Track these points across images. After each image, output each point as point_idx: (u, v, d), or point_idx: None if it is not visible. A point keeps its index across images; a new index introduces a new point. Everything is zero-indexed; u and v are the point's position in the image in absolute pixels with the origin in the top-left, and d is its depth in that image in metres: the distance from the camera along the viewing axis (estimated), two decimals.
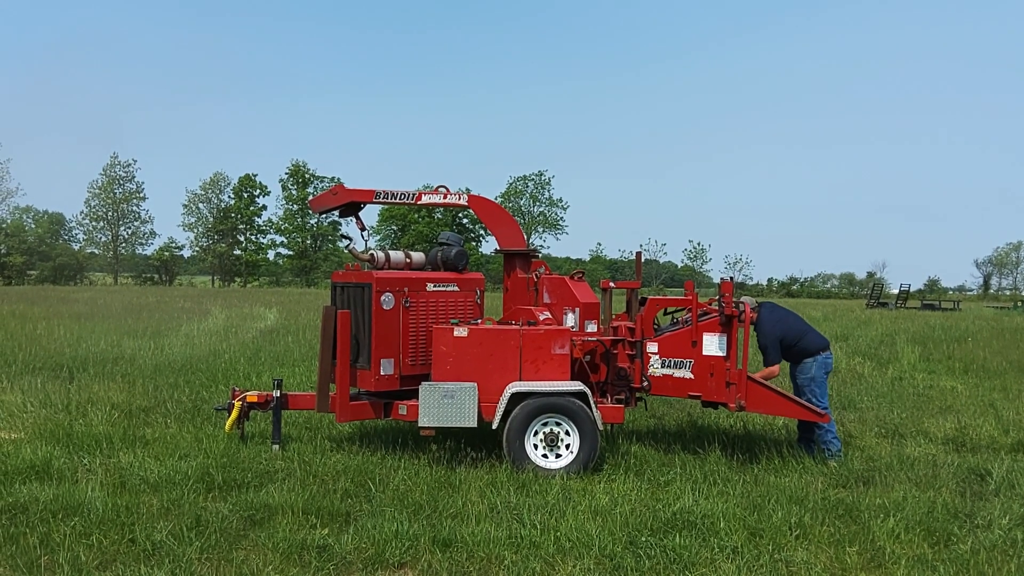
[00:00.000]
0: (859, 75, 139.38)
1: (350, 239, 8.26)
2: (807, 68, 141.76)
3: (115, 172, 76.14)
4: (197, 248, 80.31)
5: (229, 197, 79.89)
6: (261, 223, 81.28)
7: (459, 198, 8.47)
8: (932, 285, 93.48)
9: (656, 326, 8.06)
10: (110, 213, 76.30)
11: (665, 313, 8.34)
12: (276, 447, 7.69)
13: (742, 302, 7.92)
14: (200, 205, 79.44)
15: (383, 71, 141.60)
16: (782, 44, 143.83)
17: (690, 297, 7.80)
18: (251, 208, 79.96)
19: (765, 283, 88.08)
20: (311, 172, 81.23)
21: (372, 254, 8.03)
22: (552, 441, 7.16)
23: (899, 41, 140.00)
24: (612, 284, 8.52)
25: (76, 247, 75.87)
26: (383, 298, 7.53)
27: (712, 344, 7.59)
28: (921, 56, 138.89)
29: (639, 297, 8.21)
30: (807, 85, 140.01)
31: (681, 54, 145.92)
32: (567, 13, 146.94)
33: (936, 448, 8.49)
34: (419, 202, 8.43)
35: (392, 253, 8.10)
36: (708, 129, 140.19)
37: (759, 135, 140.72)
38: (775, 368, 8.03)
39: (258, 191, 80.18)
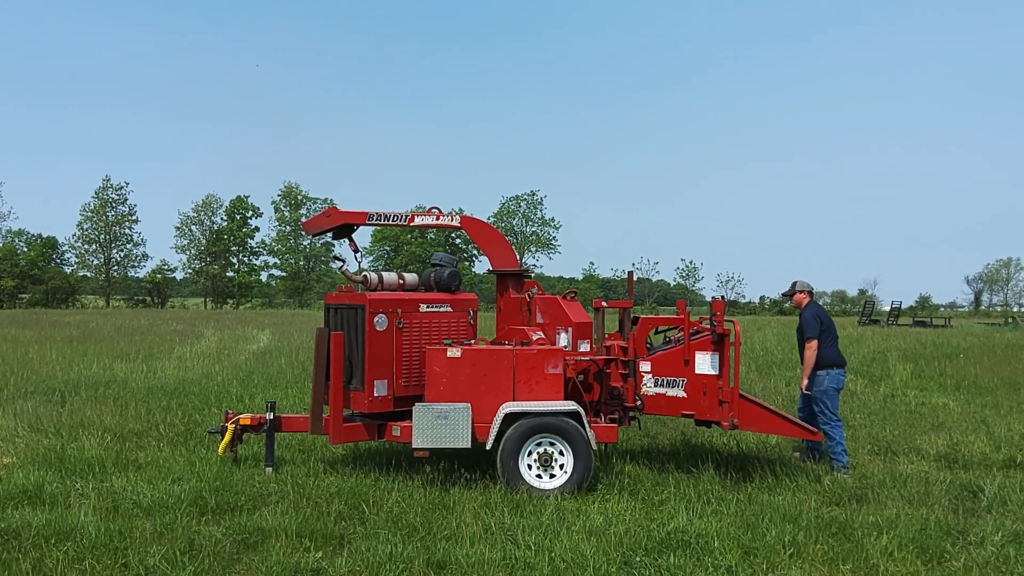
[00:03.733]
0: (850, 94, 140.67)
1: (343, 261, 8.29)
2: (798, 88, 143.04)
3: (107, 195, 76.01)
4: (190, 270, 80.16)
5: (222, 219, 79.88)
6: (254, 245, 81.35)
7: (452, 219, 8.52)
8: (923, 302, 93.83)
9: (649, 345, 8.10)
10: (102, 236, 76.10)
11: (657, 332, 8.38)
12: (269, 470, 7.68)
13: (797, 289, 8.49)
14: (192, 227, 79.38)
15: (375, 93, 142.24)
16: (773, 65, 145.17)
17: (682, 316, 7.84)
18: (244, 230, 79.94)
19: (757, 301, 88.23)
20: (303, 194, 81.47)
21: (365, 276, 8.05)
22: (546, 461, 7.17)
23: (889, 60, 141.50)
24: (604, 304, 8.56)
25: (68, 270, 75.61)
26: (376, 319, 7.55)
27: (704, 363, 7.62)
28: (911, 73, 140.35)
29: (631, 316, 8.25)
30: (799, 104, 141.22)
31: (673, 75, 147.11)
32: (559, 34, 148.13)
33: (928, 465, 8.52)
34: (412, 223, 8.48)
35: (385, 274, 8.13)
36: (700, 148, 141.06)
37: (751, 154, 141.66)
38: (814, 342, 8.21)
39: (250, 213, 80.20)
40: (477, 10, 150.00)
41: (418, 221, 8.52)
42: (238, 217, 79.77)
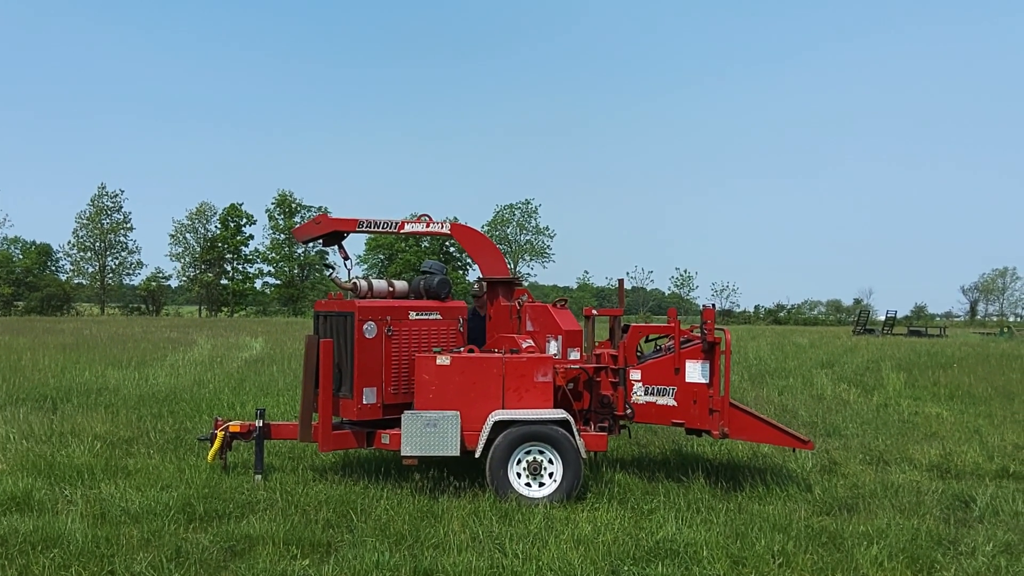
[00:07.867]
0: (844, 103, 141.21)
1: (333, 268, 8.28)
2: (795, 98, 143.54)
3: (103, 202, 75.97)
4: (184, 278, 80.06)
5: (216, 227, 79.82)
6: (248, 252, 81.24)
7: (442, 226, 8.50)
8: (919, 312, 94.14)
9: (639, 353, 8.09)
10: (97, 243, 76.04)
11: (647, 340, 8.37)
12: (258, 477, 7.64)
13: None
14: (187, 235, 79.30)
15: (369, 101, 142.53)
16: (771, 76, 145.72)
17: (672, 324, 7.83)
18: (238, 238, 79.87)
19: (752, 310, 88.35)
20: (298, 201, 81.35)
21: (355, 283, 8.04)
22: (535, 470, 7.15)
23: (885, 69, 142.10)
24: (595, 311, 8.55)
25: (63, 278, 75.49)
26: (365, 327, 7.54)
27: (695, 371, 7.61)
28: (908, 82, 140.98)
29: (622, 324, 8.24)
30: (795, 114, 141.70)
31: (669, 84, 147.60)
32: (555, 43, 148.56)
33: (920, 475, 8.51)
34: (402, 230, 8.47)
35: (375, 282, 8.11)
36: (696, 158, 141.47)
37: (745, 163, 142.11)
38: None
39: (244, 220, 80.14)
40: (472, 19, 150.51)
41: (408, 228, 8.51)
42: (232, 225, 79.69)
